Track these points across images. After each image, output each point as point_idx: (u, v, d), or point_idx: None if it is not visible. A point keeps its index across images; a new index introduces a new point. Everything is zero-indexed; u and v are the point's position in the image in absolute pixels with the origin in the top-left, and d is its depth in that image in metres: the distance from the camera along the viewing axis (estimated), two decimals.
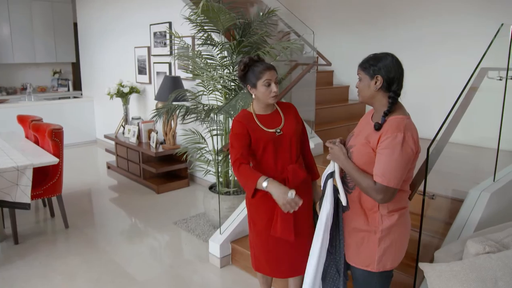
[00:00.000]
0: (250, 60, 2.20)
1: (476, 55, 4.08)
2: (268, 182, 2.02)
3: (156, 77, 5.87)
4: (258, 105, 2.28)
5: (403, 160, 1.70)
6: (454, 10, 4.25)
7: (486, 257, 1.84)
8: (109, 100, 6.49)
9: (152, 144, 5.27)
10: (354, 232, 1.91)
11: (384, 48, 5.15)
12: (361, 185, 1.78)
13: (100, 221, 4.29)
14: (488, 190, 2.58)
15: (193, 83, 5.04)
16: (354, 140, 1.91)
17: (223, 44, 3.73)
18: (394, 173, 1.70)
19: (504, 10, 3.82)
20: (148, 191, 5.16)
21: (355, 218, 1.90)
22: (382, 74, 1.77)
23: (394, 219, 1.82)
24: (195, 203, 4.81)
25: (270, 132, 2.23)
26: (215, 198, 3.82)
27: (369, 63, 1.81)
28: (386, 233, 1.82)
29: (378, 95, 1.82)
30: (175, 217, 4.31)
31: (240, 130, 2.21)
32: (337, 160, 1.90)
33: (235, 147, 2.22)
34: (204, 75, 3.79)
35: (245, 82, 2.25)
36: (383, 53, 1.83)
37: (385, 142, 1.72)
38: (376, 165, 1.75)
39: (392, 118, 1.77)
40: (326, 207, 1.86)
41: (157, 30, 5.64)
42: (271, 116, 2.29)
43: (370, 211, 1.85)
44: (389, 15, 4.88)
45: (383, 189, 1.71)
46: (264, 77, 2.14)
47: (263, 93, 2.17)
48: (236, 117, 2.29)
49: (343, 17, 5.39)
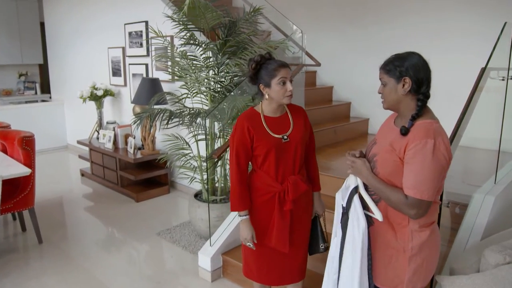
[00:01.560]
0: (262, 58, 2.05)
1: (463, 53, 4.04)
2: (246, 218, 2.14)
3: (132, 79, 5.59)
4: (269, 106, 2.11)
5: (436, 169, 1.54)
6: (440, 7, 4.19)
7: (509, 268, 1.73)
8: (81, 104, 6.14)
9: (130, 149, 5.00)
10: (381, 249, 1.72)
11: (368, 47, 5.06)
12: (391, 201, 1.61)
13: (76, 234, 4.00)
14: (491, 193, 2.50)
15: (173, 85, 4.81)
16: (377, 148, 1.75)
17: (207, 44, 3.53)
18: (427, 184, 1.54)
19: (490, 6, 3.77)
20: (126, 200, 4.89)
21: (381, 234, 1.71)
22: (410, 75, 1.60)
23: (426, 236, 1.65)
24: (178, 211, 4.58)
25: (276, 137, 2.07)
26: (201, 207, 3.61)
27: (394, 64, 1.64)
28: (417, 251, 1.65)
29: (406, 99, 1.65)
30: (158, 227, 4.07)
31: (244, 132, 2.07)
32: (359, 175, 1.73)
33: (239, 154, 2.09)
34: (188, 77, 3.58)
35: (256, 82, 2.09)
36: (408, 52, 1.66)
37: (414, 150, 1.55)
38: (406, 176, 1.58)
39: (420, 123, 1.61)
40: (360, 226, 1.67)
41: (133, 30, 5.37)
42: (280, 120, 2.13)
43: (398, 225, 1.68)
44: (373, 13, 4.79)
45: (417, 203, 1.55)
46: (279, 75, 1.99)
47: (278, 92, 2.01)
48: (242, 116, 2.12)
49: (325, 15, 5.26)
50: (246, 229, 2.13)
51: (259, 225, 2.17)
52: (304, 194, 2.16)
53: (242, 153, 2.08)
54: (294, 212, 2.13)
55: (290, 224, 2.12)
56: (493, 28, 3.60)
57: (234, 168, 2.09)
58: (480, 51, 3.70)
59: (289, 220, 2.11)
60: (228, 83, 3.52)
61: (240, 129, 2.09)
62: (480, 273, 1.76)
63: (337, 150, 4.21)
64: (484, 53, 3.63)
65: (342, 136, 4.66)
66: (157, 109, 3.53)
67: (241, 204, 2.12)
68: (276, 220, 2.09)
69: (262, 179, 2.13)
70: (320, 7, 5.29)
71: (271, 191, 2.12)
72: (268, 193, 2.12)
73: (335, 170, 3.45)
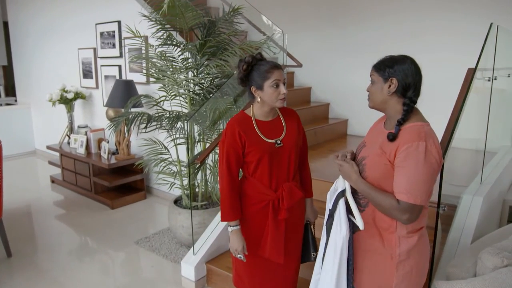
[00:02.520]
0: (253, 59, 1.94)
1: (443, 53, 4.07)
2: (237, 228, 2.03)
3: (104, 81, 5.38)
4: (260, 109, 2.01)
5: (428, 172, 1.50)
6: (417, 7, 4.20)
7: (507, 272, 1.71)
8: (49, 107, 5.87)
9: (104, 155, 4.80)
10: (367, 255, 1.68)
11: (346, 47, 5.03)
12: (382, 206, 1.56)
13: (48, 244, 3.78)
14: (479, 194, 2.50)
15: (149, 87, 4.65)
16: (366, 151, 1.70)
17: (185, 45, 3.40)
18: (420, 188, 1.49)
19: (469, 5, 3.80)
20: (101, 207, 4.68)
21: (368, 240, 1.66)
22: (398, 77, 1.58)
23: (413, 242, 1.61)
24: (156, 218, 4.43)
25: (269, 142, 1.97)
26: (182, 213, 3.48)
27: (385, 64, 1.61)
28: (405, 257, 1.60)
29: (391, 101, 1.62)
30: (136, 235, 3.90)
31: (235, 137, 1.96)
32: (348, 179, 1.67)
33: (230, 160, 1.98)
34: (166, 79, 3.44)
35: (247, 84, 1.98)
36: (401, 55, 1.63)
37: (405, 153, 1.50)
38: (397, 180, 1.53)
39: (410, 125, 1.57)
40: (342, 231, 1.61)
41: (104, 30, 5.16)
42: (273, 124, 2.03)
43: (386, 231, 1.63)
44: (351, 13, 4.77)
45: (409, 207, 1.50)
46: (272, 77, 1.89)
47: (271, 95, 1.91)
48: (232, 121, 2.01)
49: (303, 15, 5.21)
50: (237, 240, 2.02)
51: (252, 235, 2.08)
52: (299, 201, 2.09)
53: (233, 159, 1.98)
54: (288, 221, 2.04)
55: (284, 234, 2.03)
56: (474, 26, 3.66)
57: (225, 176, 1.98)
58: (461, 50, 3.75)
59: (284, 230, 2.02)
60: (209, 85, 3.41)
61: (231, 134, 1.98)
62: (480, 277, 1.73)
63: (318, 152, 4.17)
64: (465, 53, 3.65)
65: (322, 138, 4.63)
66: (135, 113, 3.38)
67: (231, 214, 2.01)
68: (271, 230, 2.00)
69: (254, 187, 2.03)
70: (297, 7, 5.24)
71: (264, 200, 2.02)
72: (261, 202, 2.03)
73: (316, 172, 3.38)
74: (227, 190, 1.98)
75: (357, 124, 4.97)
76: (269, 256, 2.06)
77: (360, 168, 1.66)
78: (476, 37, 3.64)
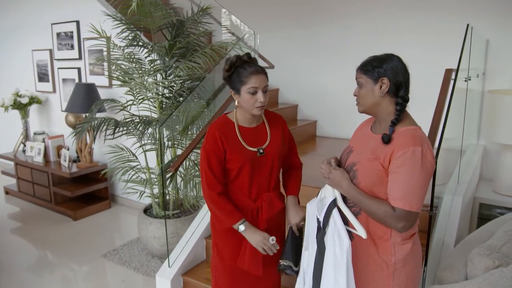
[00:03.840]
0: (238, 59, 1.80)
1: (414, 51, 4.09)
2: (245, 226, 1.85)
3: (62, 85, 5.07)
4: (242, 114, 1.89)
5: (424, 178, 1.45)
6: (384, 7, 4.20)
7: (500, 273, 1.70)
8: (1, 113, 5.47)
9: (64, 163, 4.51)
10: (362, 265, 1.60)
11: (314, 48, 4.96)
12: (375, 214, 1.49)
13: (4, 261, 3.48)
14: (458, 193, 2.52)
15: (112, 91, 4.42)
16: (356, 156, 1.62)
17: (153, 46, 3.23)
18: (416, 194, 1.44)
19: (438, 4, 3.84)
20: (62, 218, 4.40)
21: (362, 249, 1.59)
22: (389, 76, 1.51)
23: (408, 248, 1.55)
24: (123, 228, 4.21)
25: (251, 151, 1.86)
26: (153, 223, 3.30)
27: (372, 64, 1.54)
28: (401, 265, 1.55)
29: (384, 102, 1.55)
30: (103, 248, 3.67)
31: (217, 142, 1.83)
32: (338, 187, 1.58)
33: (212, 166, 1.85)
34: (132, 82, 3.26)
35: (230, 86, 1.86)
36: (387, 54, 1.58)
37: (402, 159, 1.44)
38: (393, 187, 1.47)
39: (403, 129, 1.51)
40: (344, 243, 1.51)
41: (62, 30, 4.87)
42: (256, 131, 1.91)
43: (380, 239, 1.56)
44: (319, 13, 4.72)
45: (405, 215, 1.44)
46: (249, 83, 1.76)
47: (247, 101, 1.79)
48: (214, 126, 1.88)
49: (269, 16, 5.09)
50: (255, 235, 1.85)
51: (230, 246, 1.97)
52: (279, 212, 1.98)
53: (216, 163, 1.85)
54: (268, 232, 1.92)
55: None
56: (445, 25, 3.72)
57: (211, 180, 1.85)
58: (433, 49, 3.80)
59: None
60: (179, 88, 3.25)
61: (212, 139, 1.86)
62: (473, 279, 1.70)
63: None
64: (437, 51, 3.69)
65: None
66: (101, 119, 3.17)
67: (233, 217, 1.85)
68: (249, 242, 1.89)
69: (234, 195, 1.92)
70: (263, 7, 5.15)
71: (243, 209, 1.91)
72: (240, 211, 1.92)
73: None
74: (220, 201, 1.86)
75: (326, 125, 4.94)
76: (248, 269, 1.95)
77: (351, 174, 1.58)
78: (445, 35, 3.72)
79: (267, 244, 1.84)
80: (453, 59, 2.96)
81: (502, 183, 3.41)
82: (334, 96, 4.62)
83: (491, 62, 3.64)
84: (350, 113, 4.46)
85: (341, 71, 4.47)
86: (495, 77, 3.64)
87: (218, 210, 1.87)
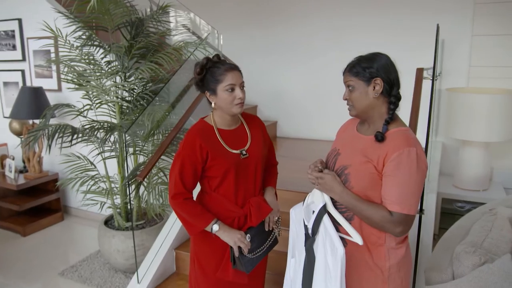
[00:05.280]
0: (209, 61, 1.75)
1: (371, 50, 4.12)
2: (219, 226, 1.77)
3: (3, 89, 4.65)
4: (220, 117, 1.81)
5: (421, 180, 1.41)
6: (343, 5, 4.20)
7: (488, 269, 1.71)
8: None
9: (10, 174, 4.14)
10: (356, 272, 1.54)
11: (272, 48, 4.87)
12: (372, 220, 1.43)
13: None
14: (431, 190, 2.56)
15: (61, 95, 4.11)
16: (346, 159, 1.55)
17: (111, 46, 3.02)
18: (413, 197, 1.40)
19: (400, 4, 3.90)
20: (9, 235, 4.02)
21: (356, 255, 1.52)
22: (382, 76, 1.46)
23: (402, 253, 1.52)
24: (79, 241, 3.92)
25: (234, 153, 1.78)
26: (116, 236, 3.08)
27: (362, 66, 1.48)
28: (395, 270, 1.50)
29: (378, 103, 1.49)
30: (59, 265, 3.39)
31: (195, 151, 1.73)
32: (331, 192, 1.50)
33: (184, 174, 1.75)
34: (88, 86, 3.02)
35: (203, 89, 1.79)
36: (373, 53, 1.53)
37: (397, 161, 1.39)
38: (388, 190, 1.42)
39: (395, 130, 1.47)
40: (338, 251, 1.44)
41: (1, 29, 4.45)
42: (236, 133, 1.84)
43: (374, 245, 1.51)
44: (276, 13, 4.63)
45: (403, 219, 1.40)
46: (226, 81, 1.71)
47: (225, 100, 1.72)
48: (193, 131, 1.78)
49: (227, 15, 4.95)
50: (229, 234, 1.76)
51: (214, 256, 1.86)
52: None
53: (188, 174, 1.75)
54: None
55: None
56: (407, 24, 3.78)
57: (179, 188, 1.75)
58: (399, 48, 3.84)
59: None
60: (141, 90, 3.06)
61: (190, 147, 1.75)
62: (464, 278, 1.70)
63: None
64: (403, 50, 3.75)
65: None
66: (56, 125, 2.90)
67: (205, 219, 1.76)
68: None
69: (218, 204, 1.82)
70: (220, 5, 5.01)
71: (229, 217, 1.83)
72: (225, 219, 1.82)
73: None
74: (187, 205, 1.77)
75: (286, 126, 4.91)
76: (233, 279, 1.86)
77: (343, 178, 1.51)
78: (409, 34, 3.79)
79: (244, 241, 1.77)
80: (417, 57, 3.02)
81: (461, 178, 3.54)
82: (293, 96, 4.59)
83: (446, 61, 3.77)
84: (309, 113, 4.49)
85: (301, 71, 4.45)
86: (450, 76, 3.77)
87: (187, 214, 1.78)
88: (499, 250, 1.87)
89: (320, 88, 4.28)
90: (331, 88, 4.16)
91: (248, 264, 1.80)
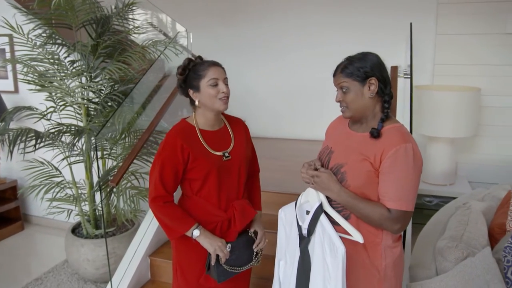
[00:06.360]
0: (190, 61, 1.74)
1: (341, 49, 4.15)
2: (200, 231, 1.71)
3: None
4: (203, 117, 1.76)
5: (418, 176, 1.42)
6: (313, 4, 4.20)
7: (471, 263, 1.75)
8: None
9: None
10: (353, 271, 1.52)
11: (238, 46, 4.79)
12: (371, 218, 1.42)
13: None
14: None
15: (18, 97, 3.88)
16: (340, 157, 1.54)
17: (75, 44, 2.86)
18: (411, 193, 1.40)
19: (366, 2, 3.94)
20: None
21: (352, 255, 1.50)
22: (376, 75, 1.46)
23: (398, 252, 1.52)
24: (43, 252, 3.71)
25: (217, 155, 1.73)
26: (86, 245, 2.93)
27: (355, 66, 1.47)
28: (390, 269, 1.50)
29: (372, 103, 1.49)
30: (21, 279, 3.18)
31: (176, 152, 1.67)
32: (328, 191, 1.48)
33: (164, 176, 1.69)
34: (52, 87, 2.84)
35: (186, 89, 1.74)
36: (362, 52, 1.52)
37: (394, 157, 1.39)
38: (386, 187, 1.41)
39: (390, 127, 1.47)
40: (339, 251, 1.42)
41: None
42: (219, 134, 1.79)
43: (371, 243, 1.49)
44: (243, 11, 4.55)
45: (401, 216, 1.40)
46: (208, 75, 1.69)
47: (209, 95, 1.68)
48: (174, 132, 1.72)
49: (192, 12, 4.79)
50: (210, 241, 1.71)
51: (197, 263, 1.80)
52: None
53: (169, 175, 1.69)
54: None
55: None
56: (376, 22, 3.82)
57: (160, 191, 1.69)
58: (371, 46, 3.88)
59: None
60: (109, 92, 2.92)
61: (171, 148, 1.69)
62: (449, 272, 1.73)
63: None
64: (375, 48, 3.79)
65: None
66: (18, 130, 2.71)
67: (186, 223, 1.71)
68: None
69: (200, 208, 1.76)
70: (187, 3, 4.88)
71: (212, 221, 1.77)
72: (208, 224, 1.76)
73: None
74: (167, 209, 1.72)
75: (253, 124, 4.83)
76: (216, 286, 1.81)
77: (339, 177, 1.49)
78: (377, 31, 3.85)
79: (223, 250, 1.72)
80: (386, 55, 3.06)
81: (428, 173, 3.64)
82: (261, 95, 4.56)
83: (413, 59, 3.85)
84: (278, 112, 4.47)
85: (269, 70, 4.41)
86: (416, 73, 3.86)
87: (168, 218, 1.72)
88: (477, 243, 1.92)
89: (288, 87, 4.26)
90: (300, 87, 4.17)
91: (221, 275, 1.76)
